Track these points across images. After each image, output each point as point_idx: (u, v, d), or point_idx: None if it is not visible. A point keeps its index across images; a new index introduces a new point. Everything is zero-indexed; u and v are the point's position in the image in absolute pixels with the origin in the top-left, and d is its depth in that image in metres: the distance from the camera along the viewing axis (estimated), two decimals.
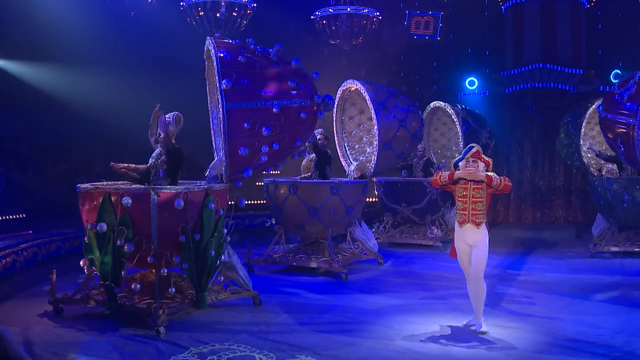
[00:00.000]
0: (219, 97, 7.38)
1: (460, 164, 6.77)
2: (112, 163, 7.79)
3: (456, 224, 6.82)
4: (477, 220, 6.65)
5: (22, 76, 12.99)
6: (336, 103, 11.70)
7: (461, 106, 14.89)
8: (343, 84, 11.74)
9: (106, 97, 12.62)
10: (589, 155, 13.63)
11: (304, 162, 11.21)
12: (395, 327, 6.80)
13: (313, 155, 10.75)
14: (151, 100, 7.92)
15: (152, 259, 6.96)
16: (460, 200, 6.73)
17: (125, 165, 7.82)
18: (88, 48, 12.84)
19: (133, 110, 8.05)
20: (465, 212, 6.68)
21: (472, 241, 6.67)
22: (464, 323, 6.90)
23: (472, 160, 6.67)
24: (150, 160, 7.87)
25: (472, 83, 17.31)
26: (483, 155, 6.76)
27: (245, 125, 7.39)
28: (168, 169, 7.66)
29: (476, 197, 6.62)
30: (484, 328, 6.66)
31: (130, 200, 6.88)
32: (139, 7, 13.00)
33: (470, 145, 6.85)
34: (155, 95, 7.64)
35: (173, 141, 7.77)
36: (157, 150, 7.88)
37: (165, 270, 7.16)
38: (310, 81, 8.01)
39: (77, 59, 13.01)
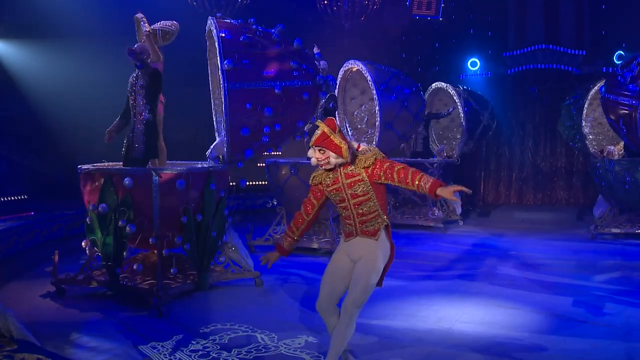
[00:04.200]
0: (221, 77, 7.35)
1: (309, 153, 4.66)
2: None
3: (342, 236, 4.82)
4: (369, 229, 4.57)
5: (22, 57, 12.93)
6: (338, 84, 11.65)
7: (463, 87, 14.82)
8: (345, 65, 11.69)
9: (107, 77, 12.56)
10: (590, 137, 13.60)
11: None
12: (396, 307, 6.82)
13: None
14: None
15: (154, 240, 6.97)
16: (339, 207, 4.66)
17: (110, 132, 7.77)
18: (88, 28, 12.76)
19: None
20: (351, 222, 4.61)
21: (359, 254, 4.60)
22: None
23: (319, 151, 4.53)
24: (129, 85, 7.66)
25: (474, 64, 17.22)
26: (334, 137, 4.47)
27: (247, 105, 7.37)
28: (147, 94, 7.44)
29: (359, 196, 4.53)
30: None
31: (131, 181, 6.88)
32: None
33: (315, 124, 4.70)
34: None
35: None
36: (134, 73, 7.64)
37: (167, 251, 7.19)
38: (312, 62, 7.97)
39: (77, 39, 12.94)
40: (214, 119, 8.88)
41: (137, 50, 7.43)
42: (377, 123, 10.87)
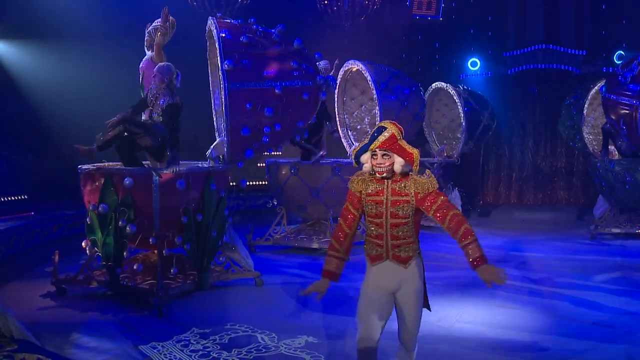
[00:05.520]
0: (221, 77, 7.36)
1: (363, 157, 4.07)
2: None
3: (366, 259, 4.24)
4: (402, 255, 4.10)
5: (22, 57, 12.94)
6: (338, 84, 11.65)
7: (463, 87, 14.81)
8: (345, 65, 11.68)
9: (107, 77, 12.57)
10: (590, 137, 13.60)
11: None
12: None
13: None
14: None
15: (154, 240, 6.97)
16: (371, 222, 4.11)
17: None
18: (89, 28, 12.76)
19: (134, 90, 8.03)
20: (382, 243, 4.09)
21: (396, 285, 4.12)
22: None
23: (383, 155, 3.97)
24: (149, 96, 7.69)
25: (474, 64, 17.20)
26: (403, 143, 3.99)
27: (247, 106, 7.37)
28: (167, 125, 7.49)
29: (399, 218, 4.03)
30: None
31: (131, 181, 6.88)
32: None
33: (380, 125, 4.04)
34: None
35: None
36: (153, 90, 7.67)
37: (167, 251, 7.19)
38: (313, 62, 7.98)
39: (78, 40, 12.94)
40: (214, 119, 8.88)
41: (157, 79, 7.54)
42: (377, 123, 10.84)
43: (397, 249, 4.07)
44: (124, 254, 7.21)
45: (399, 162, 3.97)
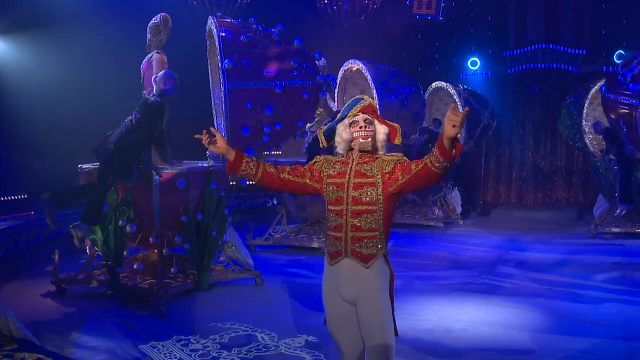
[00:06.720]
0: (221, 77, 7.36)
1: (339, 127, 3.60)
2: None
3: (325, 257, 3.70)
4: (362, 252, 3.48)
5: (23, 56, 12.92)
6: (338, 83, 11.65)
7: (463, 86, 14.82)
8: (345, 64, 11.68)
9: (106, 76, 12.56)
10: (590, 136, 13.60)
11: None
12: (397, 307, 6.77)
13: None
14: None
15: (154, 239, 6.98)
16: (331, 211, 3.56)
17: None
18: (87, 27, 12.73)
19: (134, 90, 8.02)
20: (341, 235, 3.52)
21: (354, 293, 3.52)
22: None
23: (365, 120, 3.53)
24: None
25: (474, 63, 17.19)
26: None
27: (247, 105, 7.37)
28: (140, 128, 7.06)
29: (362, 204, 3.47)
30: None
31: None
32: None
33: (356, 97, 3.62)
34: None
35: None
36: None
37: (167, 250, 7.19)
38: (313, 61, 7.97)
39: (78, 38, 12.91)
40: (214, 119, 8.88)
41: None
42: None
43: (358, 244, 3.46)
44: (124, 253, 7.22)
45: (382, 131, 3.55)
